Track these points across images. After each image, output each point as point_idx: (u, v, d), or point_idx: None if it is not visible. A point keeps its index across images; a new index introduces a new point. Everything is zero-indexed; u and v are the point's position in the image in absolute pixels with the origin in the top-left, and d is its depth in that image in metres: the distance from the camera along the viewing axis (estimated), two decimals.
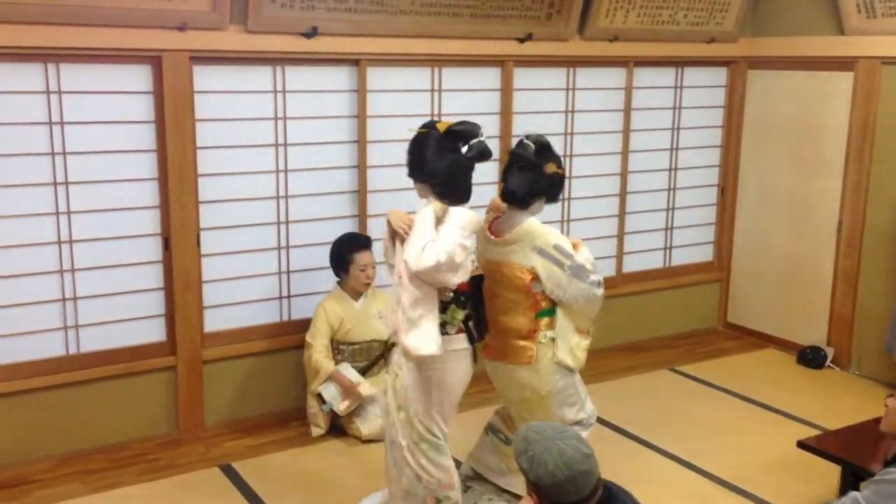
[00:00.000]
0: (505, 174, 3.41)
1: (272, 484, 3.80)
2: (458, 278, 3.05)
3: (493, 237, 3.42)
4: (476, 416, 4.18)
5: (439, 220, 3.06)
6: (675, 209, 5.80)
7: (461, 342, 3.18)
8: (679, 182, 5.77)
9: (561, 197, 3.55)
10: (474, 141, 3.11)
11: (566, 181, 3.53)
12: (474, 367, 3.28)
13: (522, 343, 3.38)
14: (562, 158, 3.54)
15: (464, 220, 3.07)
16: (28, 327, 3.89)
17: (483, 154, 3.13)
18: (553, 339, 3.39)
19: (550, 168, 3.36)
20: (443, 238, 3.00)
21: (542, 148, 3.39)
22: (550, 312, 3.40)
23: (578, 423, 3.50)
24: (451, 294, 3.14)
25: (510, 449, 3.60)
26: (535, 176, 3.34)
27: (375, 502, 3.59)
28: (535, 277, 3.33)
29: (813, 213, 5.46)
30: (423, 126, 3.15)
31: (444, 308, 3.12)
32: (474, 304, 3.27)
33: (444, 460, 3.20)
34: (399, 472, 3.23)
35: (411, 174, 3.16)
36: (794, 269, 5.60)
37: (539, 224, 3.39)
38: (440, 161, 3.08)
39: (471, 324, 3.22)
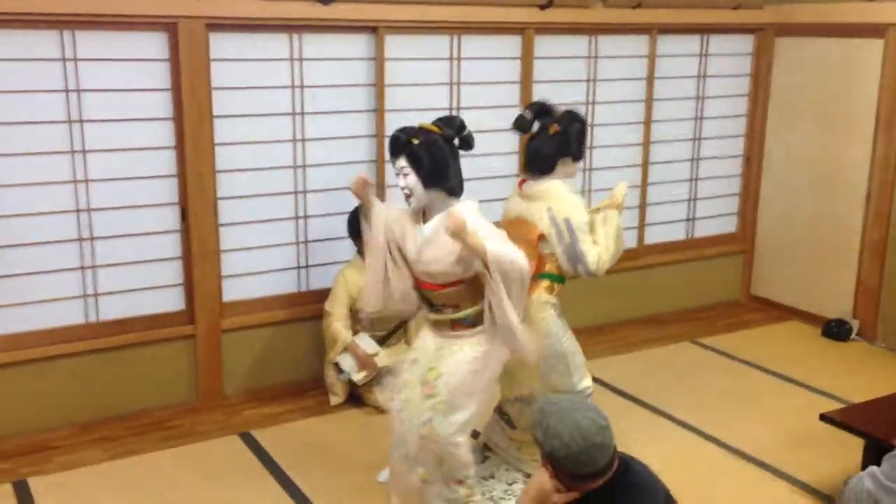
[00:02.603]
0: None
1: (291, 452, 3.81)
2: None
3: (519, 189, 3.48)
4: None
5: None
6: (699, 180, 5.71)
7: None
8: (703, 152, 5.67)
9: (584, 150, 3.52)
10: (465, 132, 3.08)
11: (585, 133, 3.49)
12: None
13: None
14: (576, 110, 3.52)
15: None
16: (48, 295, 3.92)
17: (471, 142, 3.11)
18: (551, 305, 3.40)
19: (553, 129, 3.38)
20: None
21: (541, 113, 3.44)
22: (555, 279, 3.41)
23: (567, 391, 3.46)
24: None
25: (515, 432, 3.59)
26: (540, 143, 3.41)
27: None
28: (544, 237, 3.37)
29: (841, 184, 5.35)
30: (419, 130, 3.02)
31: None
32: None
33: (468, 440, 3.14)
34: (411, 467, 3.12)
35: (434, 185, 2.99)
36: (820, 240, 5.51)
37: (562, 188, 3.41)
38: (456, 162, 3.04)
39: None
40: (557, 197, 3.37)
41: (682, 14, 5.22)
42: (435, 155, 2.96)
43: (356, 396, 4.30)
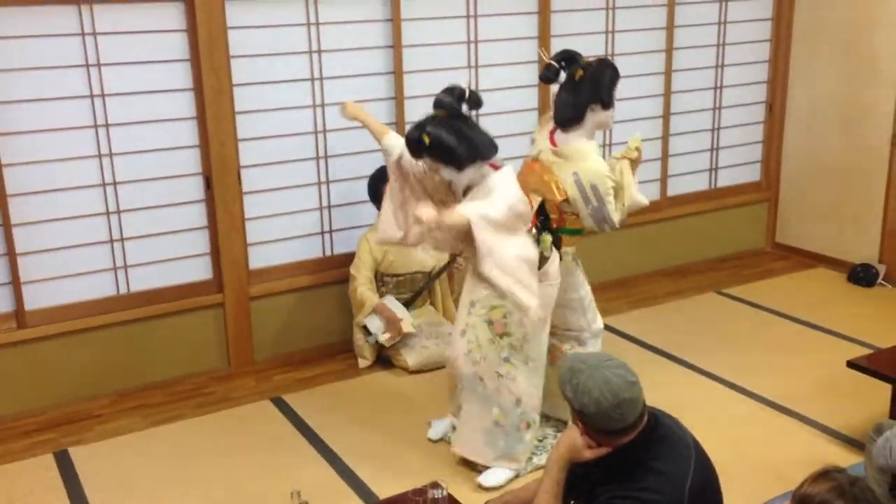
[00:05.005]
0: None
1: (322, 415, 3.88)
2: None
3: (550, 145, 3.45)
4: None
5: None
6: (721, 129, 5.65)
7: (557, 259, 3.31)
8: (725, 100, 5.61)
9: (615, 94, 3.44)
10: (468, 95, 3.10)
11: (616, 80, 3.41)
12: None
13: None
14: (607, 58, 3.53)
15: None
16: (79, 268, 3.98)
17: (479, 100, 3.15)
18: (570, 256, 3.47)
19: (578, 75, 3.35)
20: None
21: (567, 61, 3.40)
22: (574, 232, 3.47)
23: (581, 330, 3.56)
24: (534, 227, 3.19)
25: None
26: (567, 92, 3.38)
27: (443, 429, 3.63)
28: (566, 200, 3.39)
29: (865, 127, 5.28)
30: (426, 127, 3.03)
31: (536, 241, 3.18)
32: (547, 224, 3.34)
33: (540, 380, 3.28)
34: (487, 406, 3.24)
35: (467, 163, 3.03)
36: (845, 185, 5.45)
37: (589, 151, 3.38)
38: (475, 129, 3.08)
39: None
40: (585, 161, 3.34)
41: None
42: (453, 142, 2.98)
43: (385, 359, 4.35)
